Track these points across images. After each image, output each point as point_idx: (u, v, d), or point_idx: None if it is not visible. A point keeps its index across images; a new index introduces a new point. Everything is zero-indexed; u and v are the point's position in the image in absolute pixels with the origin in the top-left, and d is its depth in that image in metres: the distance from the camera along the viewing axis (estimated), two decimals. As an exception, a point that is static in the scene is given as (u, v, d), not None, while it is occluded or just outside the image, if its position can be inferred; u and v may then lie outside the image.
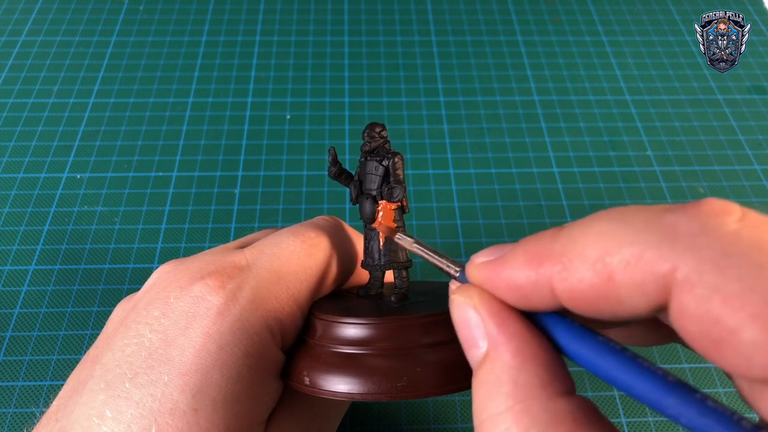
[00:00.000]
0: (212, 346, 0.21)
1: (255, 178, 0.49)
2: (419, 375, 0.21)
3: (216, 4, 0.65)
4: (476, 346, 0.17)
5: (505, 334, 0.17)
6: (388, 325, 0.22)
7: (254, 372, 0.22)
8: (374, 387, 0.21)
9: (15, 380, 0.38)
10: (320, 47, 0.61)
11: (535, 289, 0.16)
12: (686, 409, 0.14)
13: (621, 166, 0.51)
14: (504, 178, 0.50)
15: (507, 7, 0.66)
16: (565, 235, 0.16)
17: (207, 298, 0.22)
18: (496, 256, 0.18)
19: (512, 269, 0.17)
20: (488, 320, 0.17)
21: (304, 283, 0.25)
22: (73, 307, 0.41)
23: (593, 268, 0.15)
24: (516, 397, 0.16)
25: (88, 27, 0.62)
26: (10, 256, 0.44)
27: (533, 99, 0.56)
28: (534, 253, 0.17)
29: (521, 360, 0.16)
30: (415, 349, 0.22)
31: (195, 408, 0.20)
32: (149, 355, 0.21)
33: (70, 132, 0.52)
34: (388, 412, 0.37)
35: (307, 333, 0.24)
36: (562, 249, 0.16)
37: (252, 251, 0.25)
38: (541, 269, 0.16)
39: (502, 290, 0.17)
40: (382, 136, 0.26)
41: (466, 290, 0.18)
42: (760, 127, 0.54)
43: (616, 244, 0.15)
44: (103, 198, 0.48)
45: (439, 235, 0.46)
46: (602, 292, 0.15)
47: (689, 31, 0.64)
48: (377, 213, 0.26)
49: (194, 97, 0.56)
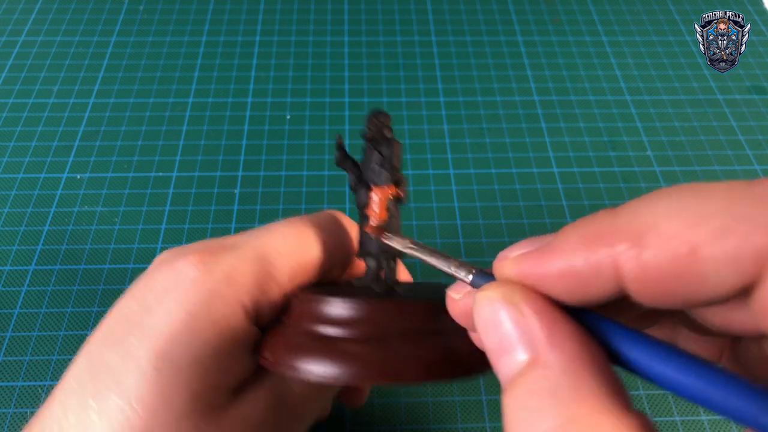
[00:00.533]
0: (182, 313, 0.22)
1: (255, 179, 0.49)
2: (401, 361, 0.20)
3: (216, 4, 0.65)
4: (511, 353, 0.15)
5: (559, 335, 0.14)
6: (370, 307, 0.22)
7: (221, 341, 0.22)
8: (346, 371, 0.20)
9: (15, 380, 0.38)
10: (320, 47, 0.61)
11: (596, 274, 0.14)
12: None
13: (621, 166, 0.51)
14: (504, 179, 0.50)
15: (507, 7, 0.66)
16: (627, 212, 0.15)
17: (185, 270, 0.23)
18: (536, 247, 0.16)
19: (567, 255, 0.15)
20: (535, 320, 0.15)
21: (287, 265, 0.25)
22: (73, 308, 0.41)
23: (673, 241, 0.13)
24: (579, 408, 0.13)
25: (88, 27, 0.62)
26: (10, 256, 0.44)
27: (533, 99, 0.56)
28: (593, 233, 0.15)
29: (582, 365, 0.14)
30: (396, 336, 0.21)
31: (157, 368, 0.21)
32: (126, 321, 0.23)
33: (70, 132, 0.52)
34: (388, 413, 0.37)
35: (284, 313, 0.25)
36: (628, 226, 0.14)
37: (243, 234, 0.26)
38: (604, 249, 0.14)
39: (552, 281, 0.15)
40: (384, 123, 0.26)
41: (500, 287, 0.16)
42: (760, 128, 0.54)
43: (700, 216, 0.13)
44: (103, 198, 0.48)
45: (439, 235, 0.46)
46: (683, 269, 0.13)
47: (689, 31, 0.64)
48: (369, 200, 0.25)
49: (194, 97, 0.56)
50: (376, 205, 0.25)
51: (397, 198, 0.25)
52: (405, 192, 0.26)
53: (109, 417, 0.20)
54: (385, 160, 0.25)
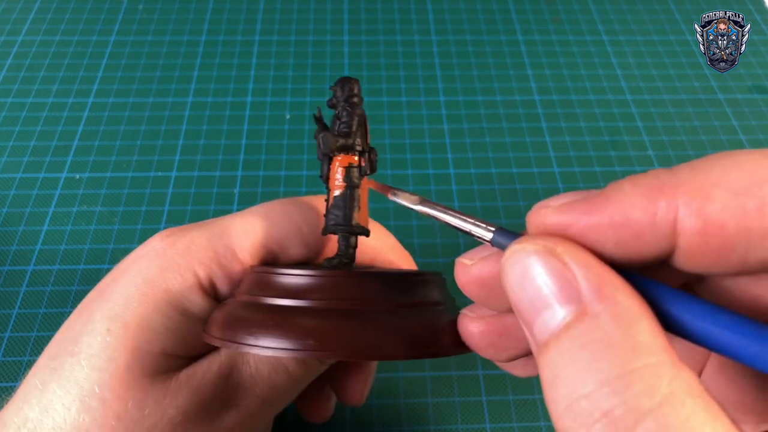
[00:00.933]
0: (138, 279, 0.23)
1: (254, 178, 0.49)
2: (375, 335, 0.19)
3: (215, 4, 0.65)
4: (550, 308, 0.14)
5: (609, 285, 0.14)
6: (324, 279, 0.21)
7: (172, 308, 0.23)
8: (298, 343, 0.19)
9: (14, 381, 0.38)
10: (320, 47, 0.61)
11: (653, 226, 0.14)
12: None
13: (622, 165, 0.51)
14: (504, 178, 0.50)
15: (507, 6, 0.66)
16: (688, 168, 0.14)
17: (151, 243, 0.25)
18: (585, 197, 0.15)
19: (624, 204, 0.14)
20: (582, 270, 0.14)
21: (250, 243, 0.25)
22: (72, 308, 0.41)
23: (740, 197, 0.13)
24: (639, 359, 0.13)
25: (87, 26, 0.62)
26: (9, 256, 0.44)
27: (534, 99, 0.56)
28: (652, 185, 0.14)
29: (636, 316, 0.13)
30: (371, 308, 0.20)
31: (108, 328, 0.22)
32: (97, 291, 0.24)
33: (69, 132, 0.52)
34: (388, 413, 0.37)
35: (236, 288, 0.24)
36: (691, 179, 0.14)
37: (223, 216, 0.27)
38: (664, 201, 0.14)
39: (603, 232, 0.14)
40: (349, 89, 0.24)
41: (538, 238, 0.15)
42: (761, 127, 0.54)
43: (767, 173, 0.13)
44: (103, 198, 0.47)
45: (439, 235, 0.46)
46: (747, 225, 0.13)
47: (690, 30, 0.64)
48: (332, 170, 0.24)
49: (193, 96, 0.55)
50: (332, 174, 0.24)
51: (358, 167, 0.24)
52: (369, 161, 0.24)
53: (60, 375, 0.22)
54: (347, 127, 0.24)
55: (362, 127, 0.24)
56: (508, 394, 0.38)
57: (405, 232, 0.46)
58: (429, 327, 0.20)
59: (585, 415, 0.13)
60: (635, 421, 0.12)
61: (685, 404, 0.12)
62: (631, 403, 0.12)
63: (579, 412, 0.13)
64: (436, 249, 0.45)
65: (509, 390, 0.38)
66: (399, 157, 0.51)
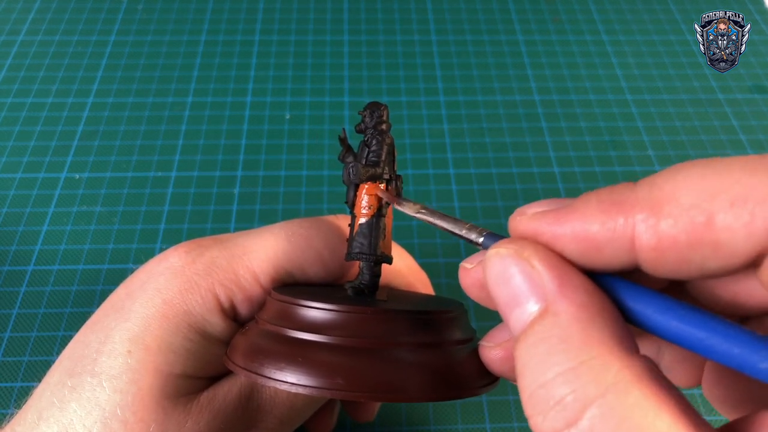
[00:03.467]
0: (158, 299, 0.23)
1: (254, 179, 0.49)
2: (398, 376, 0.19)
3: (215, 4, 0.65)
4: (522, 305, 0.16)
5: (569, 286, 0.15)
6: (350, 315, 0.20)
7: (192, 329, 0.23)
8: (322, 382, 0.19)
9: (14, 381, 0.38)
10: (320, 47, 0.61)
11: (612, 240, 0.15)
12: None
13: (622, 165, 0.51)
14: (504, 178, 0.50)
15: (507, 6, 0.66)
16: (647, 183, 0.15)
17: (170, 259, 0.24)
18: (556, 207, 0.16)
19: (585, 218, 0.15)
20: (546, 272, 0.15)
21: (270, 261, 0.25)
22: (72, 308, 0.41)
23: (689, 212, 0.14)
24: (589, 352, 0.14)
25: (87, 26, 0.62)
26: (8, 256, 0.44)
27: (534, 99, 0.56)
28: (613, 200, 0.15)
29: (591, 313, 0.15)
30: (394, 347, 0.20)
31: (129, 350, 0.22)
32: (111, 307, 0.24)
33: (69, 132, 0.52)
34: (389, 413, 0.37)
35: (258, 313, 0.24)
36: (647, 196, 0.15)
37: (239, 233, 0.26)
38: (621, 217, 0.15)
39: (567, 243, 0.16)
40: (378, 116, 0.24)
41: (510, 243, 0.17)
42: (762, 127, 0.54)
43: (716, 187, 0.14)
44: (102, 198, 0.47)
45: (438, 235, 0.46)
46: (698, 238, 0.14)
47: (690, 30, 0.64)
48: (358, 197, 0.24)
49: (193, 96, 0.55)
50: (361, 203, 0.24)
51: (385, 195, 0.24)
52: (397, 190, 0.24)
53: (80, 394, 0.21)
54: (376, 156, 0.24)
55: (390, 155, 0.25)
56: (508, 394, 0.38)
57: (405, 232, 0.46)
58: (455, 367, 0.20)
59: (542, 403, 0.14)
60: (583, 408, 0.13)
61: (630, 392, 0.13)
62: (580, 392, 0.14)
63: (537, 400, 0.14)
64: (436, 249, 0.45)
65: (509, 390, 0.38)
66: (399, 157, 0.51)
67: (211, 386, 0.24)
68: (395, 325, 0.21)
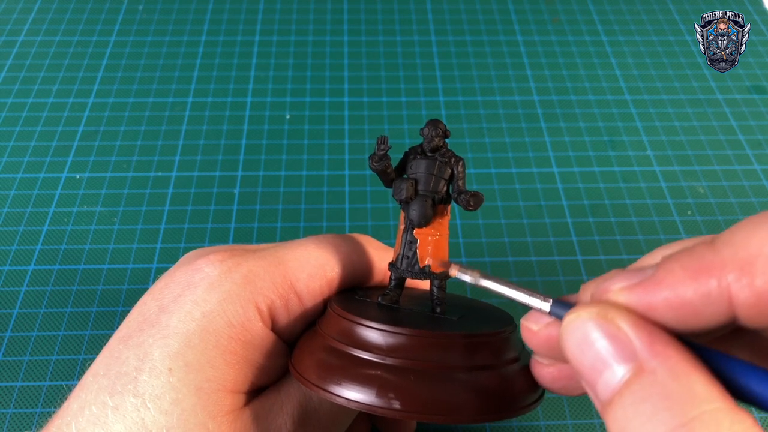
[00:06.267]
0: (197, 312, 0.22)
1: (254, 178, 0.49)
2: (454, 398, 0.20)
3: (215, 4, 0.65)
4: (610, 368, 0.16)
5: (660, 343, 0.15)
6: (412, 338, 0.21)
7: (234, 342, 0.23)
8: (388, 402, 0.20)
9: (14, 380, 0.38)
10: (320, 47, 0.61)
11: (708, 303, 0.15)
12: None
13: (621, 165, 0.51)
14: (504, 178, 0.50)
15: (507, 6, 0.66)
16: (726, 243, 0.15)
17: (204, 269, 0.24)
18: (639, 279, 0.17)
19: (675, 286, 0.16)
20: (633, 331, 0.15)
21: (305, 272, 0.25)
22: (72, 308, 0.41)
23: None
24: (697, 407, 0.14)
25: (87, 27, 0.62)
26: (9, 256, 0.44)
27: (533, 99, 0.56)
28: (699, 266, 0.15)
29: (688, 369, 0.15)
30: (451, 370, 0.21)
31: (170, 368, 0.21)
32: (144, 320, 0.23)
33: (69, 132, 0.52)
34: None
35: (321, 325, 0.24)
36: (733, 257, 0.15)
37: (267, 245, 0.26)
38: (714, 280, 0.15)
39: (663, 311, 0.16)
40: (445, 134, 0.25)
41: (591, 306, 0.17)
42: (760, 127, 0.54)
43: None
44: (103, 198, 0.47)
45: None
46: None
47: (689, 30, 0.64)
48: (434, 220, 0.24)
49: (193, 97, 0.55)
50: (435, 227, 0.24)
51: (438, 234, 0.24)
52: (467, 202, 0.24)
53: (124, 415, 0.21)
54: (424, 185, 0.24)
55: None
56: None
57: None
58: (508, 388, 0.21)
59: None
60: None
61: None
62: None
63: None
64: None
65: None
66: (399, 157, 0.51)
67: (255, 400, 0.23)
68: (453, 348, 0.21)
